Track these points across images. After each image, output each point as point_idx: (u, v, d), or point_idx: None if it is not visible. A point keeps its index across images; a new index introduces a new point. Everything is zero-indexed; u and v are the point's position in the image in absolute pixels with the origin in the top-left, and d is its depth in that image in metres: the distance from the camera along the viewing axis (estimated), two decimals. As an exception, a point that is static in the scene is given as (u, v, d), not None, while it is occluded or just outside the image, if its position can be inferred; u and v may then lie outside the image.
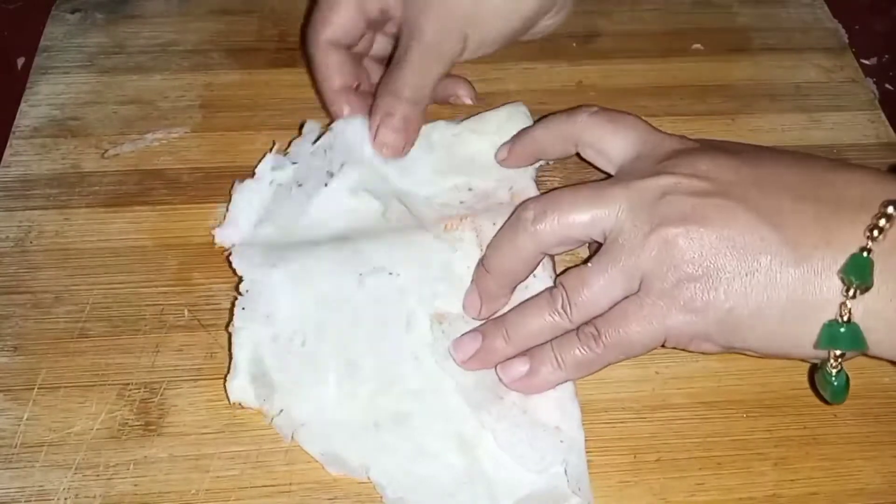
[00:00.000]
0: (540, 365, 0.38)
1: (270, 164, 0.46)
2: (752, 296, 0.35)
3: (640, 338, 0.37)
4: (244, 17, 0.58)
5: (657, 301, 0.36)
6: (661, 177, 0.38)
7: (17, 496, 0.37)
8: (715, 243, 0.36)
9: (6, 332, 0.42)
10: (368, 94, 0.48)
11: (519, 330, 0.39)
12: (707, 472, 0.39)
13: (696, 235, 0.36)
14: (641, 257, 0.36)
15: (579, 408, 0.39)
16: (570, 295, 0.38)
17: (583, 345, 0.37)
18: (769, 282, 0.35)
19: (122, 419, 0.40)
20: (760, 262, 0.35)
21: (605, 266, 0.37)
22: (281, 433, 0.39)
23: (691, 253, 0.36)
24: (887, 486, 0.39)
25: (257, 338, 0.40)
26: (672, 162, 0.38)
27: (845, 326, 0.34)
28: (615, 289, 0.37)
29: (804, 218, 0.36)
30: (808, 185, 0.37)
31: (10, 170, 0.49)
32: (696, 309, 0.36)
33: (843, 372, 0.35)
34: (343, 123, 0.47)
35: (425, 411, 0.40)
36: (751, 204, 0.36)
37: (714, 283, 0.36)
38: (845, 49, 0.57)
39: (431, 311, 0.42)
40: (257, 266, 0.42)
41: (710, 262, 0.36)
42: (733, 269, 0.35)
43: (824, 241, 0.35)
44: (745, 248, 0.35)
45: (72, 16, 0.57)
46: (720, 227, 0.36)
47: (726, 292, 0.35)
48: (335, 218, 0.45)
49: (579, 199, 0.38)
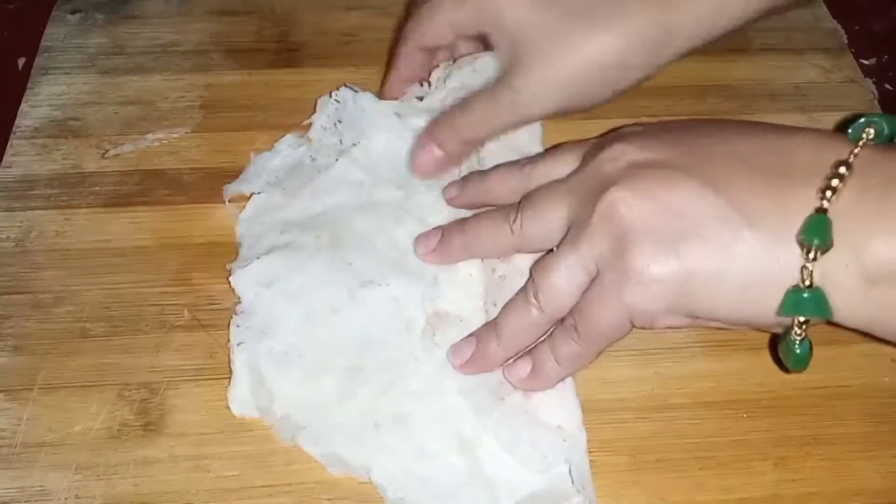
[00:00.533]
0: (540, 363, 0.39)
1: (288, 142, 0.49)
2: (706, 263, 0.34)
3: (607, 320, 0.36)
4: (244, 17, 0.58)
5: (611, 277, 0.35)
6: (605, 151, 0.38)
7: (17, 496, 0.37)
8: (656, 209, 0.35)
9: (6, 332, 0.42)
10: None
11: (505, 328, 0.39)
12: (707, 472, 0.39)
13: (636, 202, 0.35)
14: (590, 236, 0.36)
15: (580, 407, 0.39)
16: (538, 284, 0.38)
17: (567, 338, 0.37)
18: (723, 248, 0.34)
19: (122, 419, 0.40)
20: (710, 228, 0.34)
21: (563, 252, 0.37)
22: (281, 437, 0.39)
23: (632, 220, 0.35)
24: (887, 486, 0.39)
25: (254, 351, 0.41)
26: (614, 138, 0.39)
27: (808, 291, 0.33)
28: (577, 273, 0.37)
29: (753, 183, 0.35)
30: (755, 151, 0.36)
31: (10, 170, 0.49)
32: (649, 280, 0.35)
33: (806, 339, 0.34)
34: (348, 93, 0.49)
35: (425, 412, 0.40)
36: (695, 172, 0.35)
37: (662, 251, 0.34)
38: (845, 49, 0.57)
39: (429, 312, 0.42)
40: (252, 286, 0.43)
41: (654, 230, 0.35)
42: (680, 236, 0.34)
43: (776, 204, 0.34)
44: (691, 215, 0.34)
45: (72, 16, 0.57)
46: (661, 193, 0.35)
47: (678, 260, 0.34)
48: (339, 189, 0.46)
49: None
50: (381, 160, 0.47)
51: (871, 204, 0.33)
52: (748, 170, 0.35)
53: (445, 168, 0.46)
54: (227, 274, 0.44)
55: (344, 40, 0.57)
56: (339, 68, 0.55)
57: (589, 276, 0.37)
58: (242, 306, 0.43)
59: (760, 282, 0.34)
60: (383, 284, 0.43)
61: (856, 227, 0.33)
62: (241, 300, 0.43)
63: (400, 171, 0.47)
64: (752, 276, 0.34)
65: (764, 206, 0.34)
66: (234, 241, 0.46)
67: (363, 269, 0.43)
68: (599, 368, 0.39)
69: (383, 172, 0.47)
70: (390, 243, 0.44)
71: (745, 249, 0.34)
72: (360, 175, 0.47)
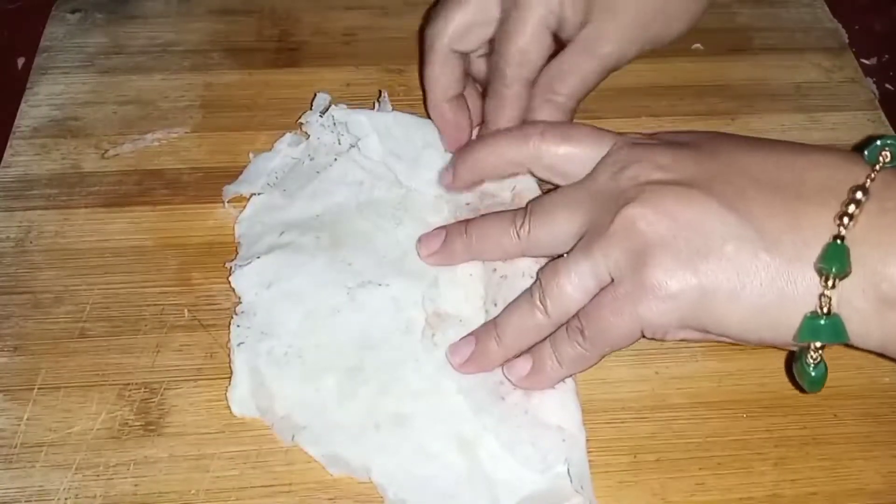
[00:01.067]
0: (541, 362, 0.38)
1: (287, 141, 0.49)
2: (724, 281, 0.35)
3: (618, 329, 0.36)
4: (244, 17, 0.58)
5: (626, 289, 0.36)
6: (624, 171, 0.38)
7: (17, 496, 0.37)
8: (675, 227, 0.35)
9: (6, 332, 0.42)
10: (464, 102, 0.47)
11: (507, 329, 0.39)
12: (707, 472, 0.39)
13: (655, 219, 0.35)
14: (606, 247, 0.36)
15: (580, 407, 0.39)
16: (545, 288, 0.38)
17: (571, 340, 0.37)
18: (740, 268, 0.34)
19: (122, 419, 0.40)
20: (727, 247, 0.35)
21: (575, 258, 0.37)
22: (281, 437, 0.39)
23: (651, 236, 0.35)
24: (887, 486, 0.39)
25: (254, 352, 0.41)
26: (632, 157, 0.38)
27: (826, 319, 0.34)
28: (586, 280, 0.37)
29: (770, 204, 0.35)
30: (770, 170, 0.36)
31: (10, 170, 0.49)
32: (665, 295, 0.35)
33: (822, 362, 0.35)
34: (389, 118, 0.48)
35: (426, 412, 0.40)
36: (714, 191, 0.36)
37: (680, 268, 0.35)
38: (845, 49, 0.57)
39: (430, 313, 0.42)
40: (252, 286, 0.43)
41: (673, 247, 0.35)
42: (698, 253, 0.35)
43: (792, 226, 0.34)
44: (709, 233, 0.35)
45: (72, 16, 0.57)
46: (681, 211, 0.35)
47: (696, 277, 0.35)
48: (339, 190, 0.47)
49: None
50: (380, 161, 0.47)
51: (888, 228, 0.34)
52: (764, 189, 0.36)
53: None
54: (227, 273, 0.44)
55: (344, 40, 0.57)
56: (338, 68, 0.55)
57: (599, 285, 0.37)
58: (242, 306, 0.43)
59: (776, 304, 0.35)
60: (383, 285, 0.43)
61: (872, 251, 0.33)
62: (241, 300, 0.43)
63: (398, 169, 0.47)
64: (769, 298, 0.35)
65: (780, 227, 0.35)
66: (233, 241, 0.46)
67: (363, 269, 0.43)
68: (599, 368, 0.39)
69: (383, 172, 0.47)
70: (390, 243, 0.44)
71: (762, 270, 0.34)
72: (359, 175, 0.47)
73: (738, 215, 0.35)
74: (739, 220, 0.35)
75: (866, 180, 0.34)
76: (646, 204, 0.36)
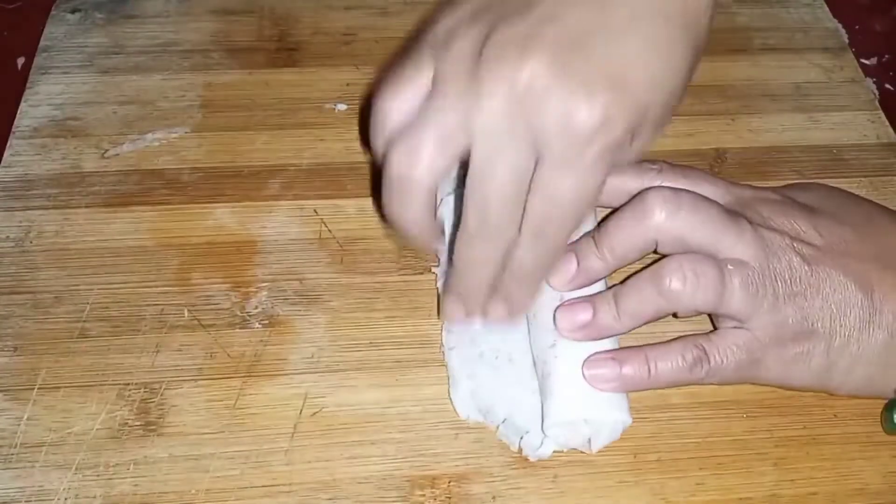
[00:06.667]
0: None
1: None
2: (844, 356, 0.39)
3: (734, 369, 0.39)
4: (244, 17, 0.58)
5: (765, 350, 0.39)
6: (768, 232, 0.39)
7: (17, 496, 0.37)
8: (820, 311, 0.38)
9: (6, 332, 0.42)
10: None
11: (628, 305, 0.38)
12: (707, 472, 0.39)
13: (804, 304, 0.38)
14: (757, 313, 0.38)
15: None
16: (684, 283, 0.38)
17: (687, 353, 0.39)
18: (860, 345, 0.39)
19: (122, 419, 0.40)
20: (855, 328, 0.39)
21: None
22: (507, 441, 0.39)
23: (799, 318, 0.38)
24: (887, 486, 0.39)
25: (467, 355, 0.41)
26: (767, 215, 0.40)
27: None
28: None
29: (886, 283, 0.39)
30: (890, 250, 0.40)
31: (10, 170, 0.49)
32: (804, 368, 0.39)
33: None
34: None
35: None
36: (849, 269, 0.39)
37: (816, 345, 0.38)
38: (845, 49, 0.57)
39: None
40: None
41: (814, 326, 0.38)
42: (834, 332, 0.38)
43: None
44: (845, 315, 0.39)
45: (72, 16, 0.57)
46: (826, 293, 0.39)
47: (827, 352, 0.38)
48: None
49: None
50: None
51: None
52: (885, 267, 0.39)
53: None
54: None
55: (343, 40, 0.57)
56: (338, 68, 0.55)
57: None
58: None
59: (884, 375, 0.39)
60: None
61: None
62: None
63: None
64: (878, 370, 0.39)
65: (893, 310, 0.39)
66: (233, 241, 0.46)
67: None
68: (599, 368, 0.39)
69: None
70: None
71: (876, 344, 0.39)
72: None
73: (866, 296, 0.39)
74: (867, 301, 0.39)
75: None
76: (796, 285, 0.39)
